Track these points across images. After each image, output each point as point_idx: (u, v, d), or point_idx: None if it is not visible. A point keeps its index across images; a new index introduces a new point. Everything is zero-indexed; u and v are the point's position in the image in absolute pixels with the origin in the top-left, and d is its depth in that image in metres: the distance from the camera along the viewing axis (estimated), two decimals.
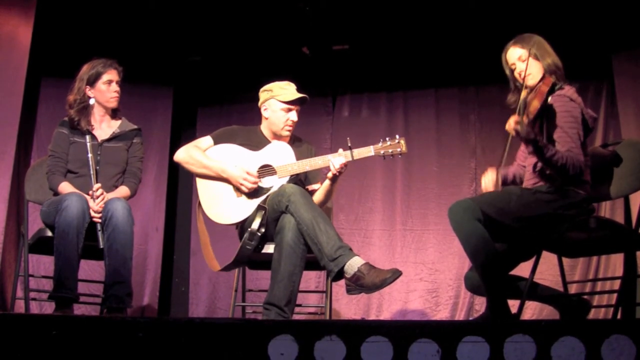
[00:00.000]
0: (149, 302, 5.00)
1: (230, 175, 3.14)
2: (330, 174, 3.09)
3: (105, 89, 3.37)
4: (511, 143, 2.78)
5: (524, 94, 2.78)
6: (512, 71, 2.91)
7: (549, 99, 2.75)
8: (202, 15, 4.58)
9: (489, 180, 2.98)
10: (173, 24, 4.69)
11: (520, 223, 2.69)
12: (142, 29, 4.71)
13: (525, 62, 2.81)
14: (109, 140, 3.40)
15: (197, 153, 3.20)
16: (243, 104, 5.24)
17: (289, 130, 3.27)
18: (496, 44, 3.03)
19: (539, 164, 2.81)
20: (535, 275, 2.82)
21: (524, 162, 3.05)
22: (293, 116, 3.24)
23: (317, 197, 3.19)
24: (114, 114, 3.49)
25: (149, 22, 4.63)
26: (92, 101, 3.38)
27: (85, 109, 3.37)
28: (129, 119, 3.52)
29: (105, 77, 3.36)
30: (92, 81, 3.37)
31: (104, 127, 3.44)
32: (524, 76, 2.82)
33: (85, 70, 3.39)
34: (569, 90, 2.76)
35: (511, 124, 2.65)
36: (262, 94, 3.30)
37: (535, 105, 2.66)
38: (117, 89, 3.39)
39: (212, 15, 4.57)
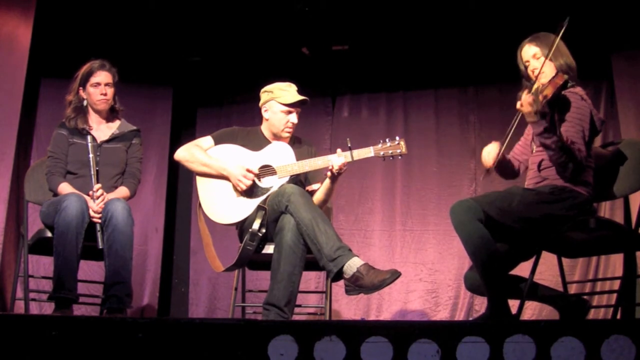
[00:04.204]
0: (148, 302, 5.00)
1: (230, 173, 3.14)
2: (329, 174, 3.09)
3: (93, 91, 3.37)
4: (512, 132, 2.78)
5: (537, 85, 2.79)
6: (526, 68, 2.92)
7: (561, 94, 2.76)
8: (201, 15, 4.58)
9: (489, 152, 2.92)
10: (173, 24, 4.69)
11: (521, 224, 2.69)
12: (141, 29, 4.71)
13: (539, 59, 2.84)
14: (108, 141, 3.40)
15: (198, 151, 3.21)
16: (242, 105, 5.24)
17: (288, 132, 3.27)
18: (496, 45, 3.04)
19: (544, 163, 2.81)
20: (535, 276, 2.82)
21: (520, 157, 3.06)
22: (293, 118, 3.24)
23: (317, 197, 3.19)
24: (113, 114, 3.49)
25: (148, 22, 4.63)
26: (84, 102, 3.40)
27: (80, 108, 3.39)
28: (128, 119, 3.53)
29: (93, 80, 3.36)
30: (83, 83, 3.38)
31: (103, 128, 3.44)
32: (537, 74, 2.83)
33: (81, 70, 3.40)
34: (580, 91, 2.79)
35: (525, 99, 2.65)
36: (263, 95, 3.30)
37: (550, 90, 2.67)
38: (106, 91, 3.37)
39: (211, 15, 4.57)
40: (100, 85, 3.37)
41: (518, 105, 2.70)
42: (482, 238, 2.63)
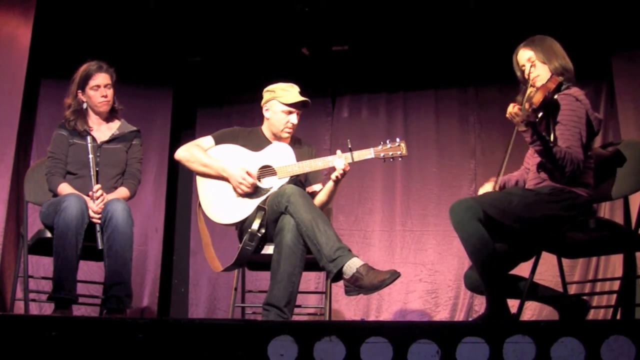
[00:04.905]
0: (148, 303, 5.00)
1: (230, 175, 3.14)
2: (333, 176, 3.09)
3: (93, 94, 3.37)
4: (512, 147, 2.78)
5: (529, 90, 2.79)
6: (522, 72, 2.92)
7: (555, 96, 2.76)
8: (201, 15, 4.58)
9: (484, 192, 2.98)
10: (173, 24, 4.69)
11: (521, 224, 2.69)
12: (141, 30, 4.71)
13: (532, 63, 2.83)
14: (108, 141, 3.40)
15: (198, 151, 3.21)
16: (243, 105, 5.24)
17: (288, 133, 3.27)
18: (496, 45, 3.03)
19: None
20: (534, 276, 2.82)
21: (530, 166, 3.05)
22: (293, 119, 3.25)
23: (320, 199, 3.20)
24: (113, 115, 3.49)
25: (148, 23, 4.63)
26: (84, 105, 3.39)
27: (79, 111, 3.39)
28: (128, 119, 3.53)
29: (92, 82, 3.35)
30: (82, 85, 3.38)
31: (103, 129, 3.44)
32: (532, 78, 2.83)
33: (78, 73, 3.39)
34: (576, 91, 2.77)
35: (510, 111, 2.66)
36: (265, 94, 3.30)
37: (538, 97, 2.67)
38: (106, 93, 3.37)
39: (211, 15, 4.57)
40: (100, 88, 3.36)
41: (507, 113, 2.70)
42: (481, 238, 2.62)
